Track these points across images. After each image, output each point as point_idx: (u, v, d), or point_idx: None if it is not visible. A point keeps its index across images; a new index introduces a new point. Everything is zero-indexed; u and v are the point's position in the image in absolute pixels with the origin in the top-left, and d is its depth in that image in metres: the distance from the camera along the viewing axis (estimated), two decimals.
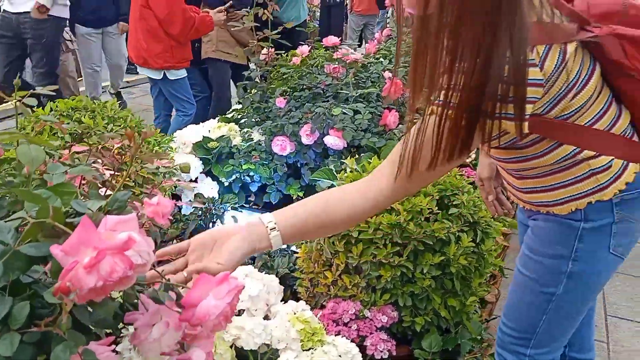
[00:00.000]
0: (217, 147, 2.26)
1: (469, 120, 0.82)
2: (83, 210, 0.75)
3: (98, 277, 0.60)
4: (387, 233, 1.38)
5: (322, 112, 2.13)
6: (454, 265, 1.38)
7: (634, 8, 1.00)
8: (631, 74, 0.94)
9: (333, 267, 1.44)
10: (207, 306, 0.73)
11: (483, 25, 0.79)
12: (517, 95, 0.82)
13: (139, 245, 0.68)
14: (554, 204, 1.01)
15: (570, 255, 1.01)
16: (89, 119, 1.80)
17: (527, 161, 1.00)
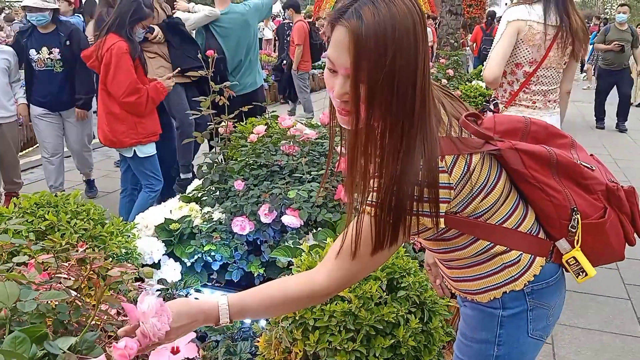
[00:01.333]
0: (179, 229, 2.34)
1: (394, 217, 0.96)
2: (55, 352, 0.84)
3: None
4: (341, 320, 1.48)
5: (279, 193, 2.25)
6: (404, 347, 1.48)
7: (535, 125, 1.18)
8: (530, 181, 1.11)
9: (292, 354, 1.53)
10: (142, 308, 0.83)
11: (401, 139, 0.95)
12: (430, 195, 0.96)
13: None
14: (476, 293, 1.15)
15: (495, 340, 1.14)
16: (53, 216, 1.86)
17: (452, 252, 1.14)
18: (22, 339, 0.80)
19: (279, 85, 9.73)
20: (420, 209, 0.96)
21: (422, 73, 0.94)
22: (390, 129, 0.96)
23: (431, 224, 0.97)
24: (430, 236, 1.11)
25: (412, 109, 0.95)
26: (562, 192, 1.08)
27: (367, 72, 0.90)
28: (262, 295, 1.05)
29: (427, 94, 0.97)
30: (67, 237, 1.81)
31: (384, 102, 0.93)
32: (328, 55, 0.97)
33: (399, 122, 0.95)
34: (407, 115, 0.94)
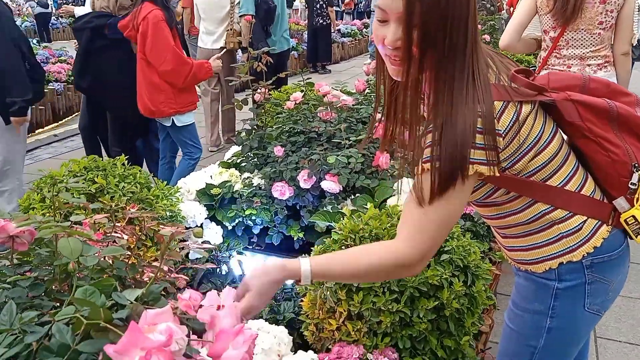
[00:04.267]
0: (220, 194, 2.39)
1: (452, 167, 0.94)
2: (123, 302, 0.88)
3: None
4: (385, 282, 1.51)
5: (318, 159, 2.26)
6: (447, 309, 1.50)
7: (595, 82, 1.14)
8: (587, 136, 1.08)
9: (336, 313, 1.56)
10: (229, 356, 0.85)
11: (454, 84, 0.95)
12: (486, 142, 0.95)
13: (175, 334, 0.81)
14: (530, 263, 1.14)
15: (548, 312, 1.12)
16: (102, 179, 1.92)
17: (506, 217, 1.13)
18: (92, 291, 0.84)
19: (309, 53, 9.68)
20: (476, 157, 0.95)
21: (473, 17, 0.94)
22: (444, 74, 0.96)
23: (488, 171, 0.96)
24: (483, 197, 1.09)
25: (463, 53, 0.95)
26: (622, 147, 1.05)
27: (420, 15, 0.90)
28: (345, 262, 1.03)
29: (477, 39, 0.97)
30: (116, 199, 1.87)
31: (436, 46, 0.93)
32: (379, 4, 0.96)
33: (451, 67, 0.95)
34: (460, 60, 0.94)
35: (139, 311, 0.85)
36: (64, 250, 0.97)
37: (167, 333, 0.79)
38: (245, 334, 0.88)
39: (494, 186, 1.06)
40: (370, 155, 2.44)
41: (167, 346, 0.76)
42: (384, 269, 1.02)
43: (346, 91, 3.21)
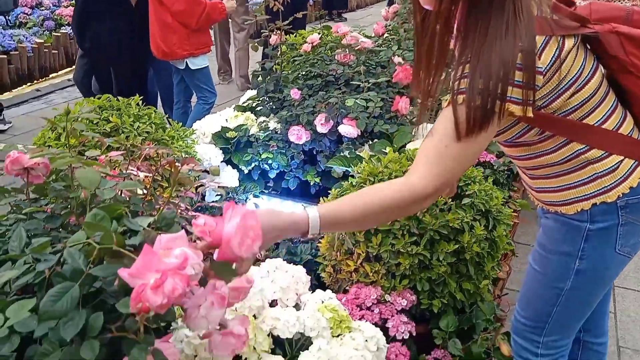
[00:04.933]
0: (236, 137, 2.35)
1: (484, 102, 0.89)
2: (136, 228, 0.86)
3: (163, 296, 0.70)
4: (405, 224, 1.48)
5: (336, 102, 2.20)
6: (468, 252, 1.48)
7: (638, 14, 1.06)
8: (630, 71, 1.01)
9: (354, 255, 1.55)
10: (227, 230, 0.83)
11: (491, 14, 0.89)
12: (524, 80, 0.90)
13: (191, 259, 0.79)
14: (561, 204, 1.10)
15: (577, 254, 1.09)
16: (116, 118, 1.89)
17: (538, 157, 1.09)
18: (102, 216, 0.82)
19: None
20: (511, 95, 0.90)
21: None
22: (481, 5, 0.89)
23: (521, 111, 0.91)
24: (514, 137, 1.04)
25: None
26: None
27: None
28: (354, 203, 0.95)
29: None
30: (132, 139, 1.85)
31: None
32: None
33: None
34: None
35: (152, 237, 0.83)
36: (83, 180, 0.94)
37: (182, 257, 0.77)
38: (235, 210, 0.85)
39: (527, 125, 1.01)
40: (389, 100, 2.37)
41: (182, 269, 0.74)
42: (397, 204, 0.94)
43: (365, 35, 3.10)
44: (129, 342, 0.78)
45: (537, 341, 1.26)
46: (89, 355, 0.74)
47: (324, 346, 1.15)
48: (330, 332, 1.21)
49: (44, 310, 0.71)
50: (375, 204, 0.94)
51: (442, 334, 1.47)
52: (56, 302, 0.72)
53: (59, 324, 0.76)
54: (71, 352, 0.77)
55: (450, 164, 0.93)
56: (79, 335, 0.78)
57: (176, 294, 0.72)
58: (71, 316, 0.76)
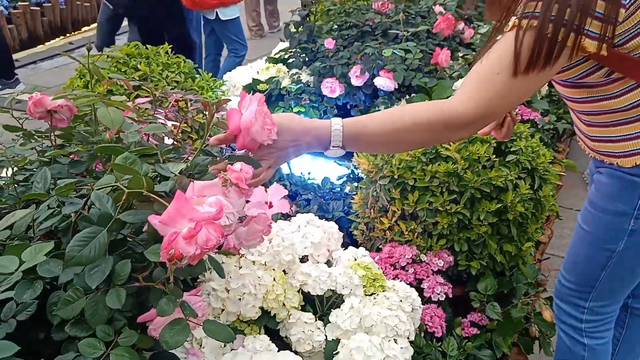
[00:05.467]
0: (267, 90, 2.27)
1: (556, 31, 0.79)
2: (167, 174, 0.80)
3: (196, 246, 0.65)
4: (444, 181, 1.39)
5: (372, 52, 2.09)
6: (511, 212, 1.38)
7: None
8: None
9: (389, 213, 1.48)
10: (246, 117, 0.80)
11: None
12: (604, 12, 0.79)
13: (226, 208, 0.72)
14: (619, 156, 1.00)
15: (633, 213, 1.00)
16: (145, 66, 1.83)
17: (599, 102, 0.98)
18: (133, 159, 0.77)
19: None
20: (588, 28, 0.79)
21: None
22: None
23: (595, 48, 0.80)
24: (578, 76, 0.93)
25: None
26: None
27: None
28: (383, 117, 0.85)
29: None
30: (160, 88, 1.79)
31: None
32: None
33: None
34: None
35: (185, 184, 0.77)
36: (104, 119, 0.89)
37: (217, 205, 0.71)
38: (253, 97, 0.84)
39: (596, 64, 0.89)
40: (428, 52, 2.24)
41: (217, 219, 0.68)
42: (431, 126, 0.84)
43: None
44: (157, 292, 0.74)
45: (583, 306, 1.18)
46: (115, 304, 0.70)
47: (356, 304, 1.09)
48: (363, 290, 1.16)
49: (71, 256, 0.67)
50: (406, 122, 0.85)
51: (479, 296, 1.40)
52: (83, 247, 0.68)
53: (85, 271, 0.72)
54: (97, 300, 0.73)
55: (498, 95, 0.83)
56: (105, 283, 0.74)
57: (210, 245, 0.66)
58: (98, 263, 0.72)
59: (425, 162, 1.44)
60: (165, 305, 0.69)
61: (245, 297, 1.03)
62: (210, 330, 0.72)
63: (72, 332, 0.73)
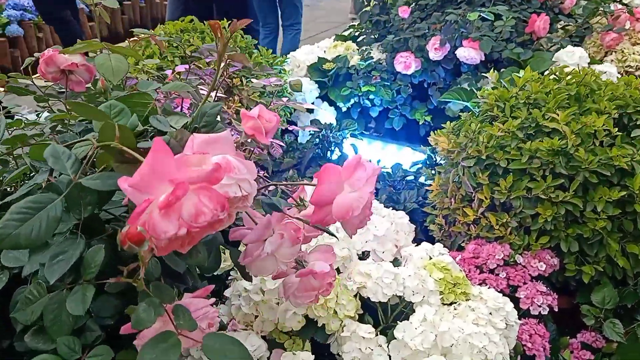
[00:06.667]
0: (334, 69, 2.04)
1: None
2: (164, 128, 0.58)
3: (180, 223, 0.42)
4: (548, 162, 1.09)
5: (455, 19, 1.79)
6: (639, 203, 1.06)
7: None
8: None
9: (475, 202, 1.19)
10: (347, 200, 0.55)
11: None
12: None
13: (237, 172, 0.49)
14: None
15: None
16: (199, 41, 1.67)
17: None
18: (120, 108, 0.57)
19: None
20: None
21: None
22: None
23: None
24: None
25: None
26: None
27: None
28: None
29: None
30: (214, 63, 1.61)
31: None
32: None
33: None
34: None
35: (183, 138, 0.56)
36: (102, 68, 0.70)
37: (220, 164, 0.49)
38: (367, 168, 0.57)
39: None
40: (522, 20, 1.91)
41: (215, 182, 0.45)
42: None
43: None
44: (144, 294, 0.53)
45: None
46: (77, 308, 0.49)
47: (430, 316, 0.83)
48: (439, 298, 0.89)
49: (4, 235, 0.47)
50: None
51: (595, 311, 1.08)
52: (22, 223, 0.48)
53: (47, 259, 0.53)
54: (59, 301, 0.53)
55: None
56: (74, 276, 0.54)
57: (201, 220, 0.44)
58: (63, 247, 0.52)
59: (522, 139, 1.14)
60: (142, 313, 0.48)
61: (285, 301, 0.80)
62: (212, 349, 0.50)
63: (33, 343, 0.54)
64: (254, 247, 0.60)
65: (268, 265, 0.60)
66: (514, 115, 1.20)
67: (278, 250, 0.59)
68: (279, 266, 0.59)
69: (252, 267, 0.60)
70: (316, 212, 0.54)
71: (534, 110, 1.17)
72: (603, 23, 2.06)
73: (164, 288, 0.50)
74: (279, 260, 0.59)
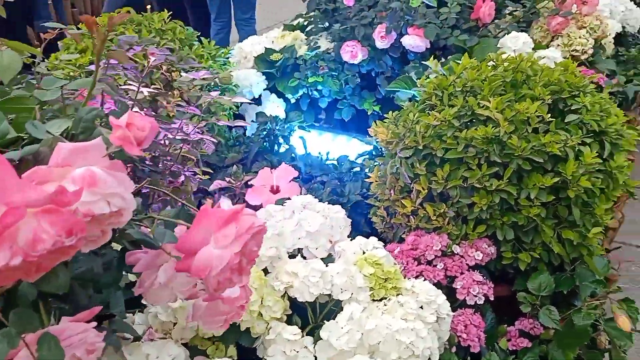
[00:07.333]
0: (281, 59, 2.00)
1: None
2: (39, 135, 0.54)
3: (13, 251, 0.38)
4: (482, 150, 1.08)
5: (399, 6, 1.77)
6: (572, 189, 1.06)
7: None
8: None
9: (413, 193, 1.18)
10: (206, 256, 0.51)
11: None
12: None
13: (104, 186, 0.45)
14: None
15: None
16: (133, 32, 1.60)
17: None
18: None
19: None
20: None
21: None
22: None
23: None
24: None
25: None
26: None
27: None
28: None
29: None
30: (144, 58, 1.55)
31: None
32: None
33: None
34: None
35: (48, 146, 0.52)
36: None
37: (82, 181, 0.45)
38: (243, 222, 0.53)
39: None
40: (468, 6, 1.90)
41: (62, 204, 0.41)
42: None
43: None
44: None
45: None
46: None
47: (357, 314, 0.81)
48: (369, 294, 0.87)
49: None
50: None
51: (531, 298, 1.09)
52: None
53: None
54: None
55: None
56: None
57: (40, 248, 0.39)
58: None
59: (458, 128, 1.13)
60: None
61: None
62: None
63: None
64: (147, 276, 0.56)
65: (163, 295, 0.56)
66: (451, 104, 1.19)
67: (173, 280, 0.55)
68: (174, 296, 0.56)
69: (147, 296, 0.57)
70: (183, 259, 0.50)
71: (469, 98, 1.16)
72: (550, 7, 2.07)
73: (27, 315, 0.45)
74: (174, 290, 0.55)
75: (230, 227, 0.52)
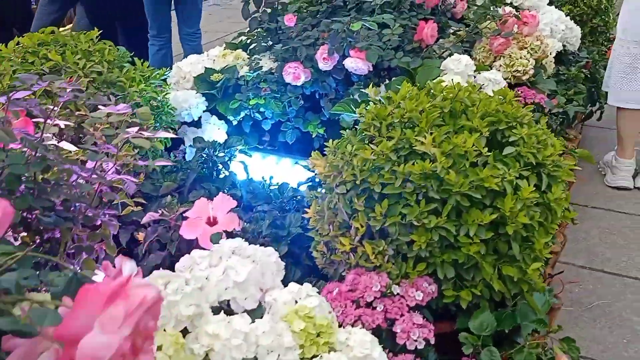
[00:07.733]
0: (222, 80, 1.93)
1: None
2: None
3: None
4: (420, 186, 1.04)
5: (340, 28, 1.73)
6: (511, 225, 1.03)
7: None
8: None
9: (352, 230, 1.13)
10: (92, 345, 0.44)
11: None
12: None
13: None
14: None
15: None
16: (56, 55, 1.49)
17: None
18: None
19: None
20: None
21: None
22: None
23: None
24: None
25: None
26: None
27: None
28: None
29: None
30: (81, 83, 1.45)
31: None
32: None
33: None
34: None
35: None
36: None
37: None
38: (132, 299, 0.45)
39: None
40: (412, 27, 1.89)
41: None
42: None
43: None
44: None
45: None
46: None
47: None
48: (299, 352, 0.81)
49: None
50: None
51: (473, 338, 1.05)
52: None
53: None
54: None
55: None
56: None
57: None
58: None
59: (396, 161, 1.09)
60: None
61: None
62: None
63: None
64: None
65: None
66: (389, 135, 1.14)
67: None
68: None
69: None
70: (65, 348, 0.43)
71: (407, 130, 1.12)
72: (492, 28, 2.08)
73: None
74: None
75: (117, 305, 0.45)
